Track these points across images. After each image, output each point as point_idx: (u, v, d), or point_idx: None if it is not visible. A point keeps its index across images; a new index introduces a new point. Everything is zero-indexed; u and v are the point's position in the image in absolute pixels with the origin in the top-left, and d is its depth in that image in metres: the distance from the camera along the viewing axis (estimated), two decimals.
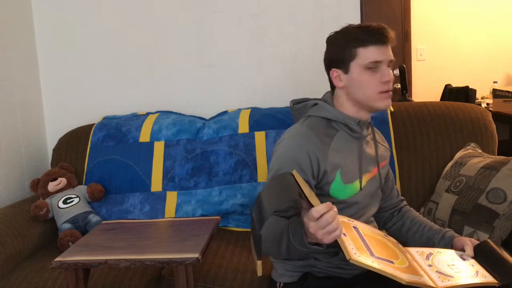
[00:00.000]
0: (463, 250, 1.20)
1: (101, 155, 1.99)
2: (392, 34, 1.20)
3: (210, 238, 1.37)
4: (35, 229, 1.78)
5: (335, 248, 0.97)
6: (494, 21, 3.90)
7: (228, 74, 2.21)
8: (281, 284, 1.29)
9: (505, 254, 1.14)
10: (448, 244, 1.26)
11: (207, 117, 2.15)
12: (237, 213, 1.88)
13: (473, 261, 1.15)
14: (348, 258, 0.92)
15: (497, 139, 1.84)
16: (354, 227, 1.07)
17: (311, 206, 0.95)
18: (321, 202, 0.99)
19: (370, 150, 1.31)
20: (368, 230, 1.10)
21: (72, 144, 2.07)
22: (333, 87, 1.29)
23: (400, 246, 1.14)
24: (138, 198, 1.92)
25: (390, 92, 1.22)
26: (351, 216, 1.21)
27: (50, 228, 1.85)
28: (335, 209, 0.95)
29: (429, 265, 1.10)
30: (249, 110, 2.05)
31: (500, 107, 3.00)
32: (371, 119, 1.31)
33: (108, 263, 1.23)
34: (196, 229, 1.44)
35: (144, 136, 2.00)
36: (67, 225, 1.80)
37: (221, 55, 2.20)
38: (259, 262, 0.95)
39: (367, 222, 1.29)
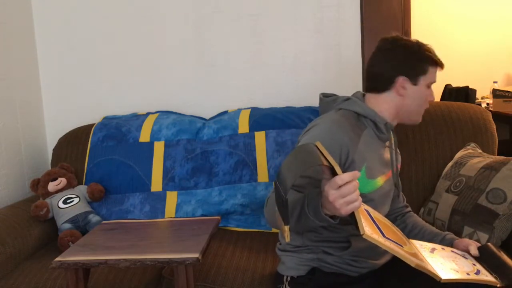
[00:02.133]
0: (465, 251, 1.21)
1: (101, 155, 1.99)
2: None
3: (210, 238, 1.37)
4: (35, 229, 1.78)
5: (346, 231, 1.01)
6: (494, 21, 3.91)
7: (228, 74, 2.21)
8: (288, 278, 1.29)
9: (505, 257, 1.15)
10: (449, 246, 1.27)
11: (207, 117, 2.15)
12: (237, 213, 1.88)
13: (474, 260, 1.16)
14: (362, 233, 0.91)
15: (497, 139, 1.84)
16: (366, 210, 1.06)
17: (334, 175, 0.93)
18: None
19: (386, 154, 1.35)
20: (379, 216, 1.11)
21: (72, 144, 2.07)
22: (379, 91, 1.30)
23: (405, 236, 1.15)
24: (138, 198, 1.92)
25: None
26: None
27: (50, 228, 1.85)
28: (356, 181, 0.94)
29: (432, 257, 1.11)
30: (249, 110, 2.05)
31: (500, 107, 3.00)
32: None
33: (108, 263, 1.23)
34: (196, 229, 1.44)
35: (144, 136, 2.00)
36: (67, 225, 1.80)
37: (221, 55, 2.20)
38: (286, 228, 0.92)
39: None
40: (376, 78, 1.31)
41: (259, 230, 1.86)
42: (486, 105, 3.26)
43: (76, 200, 1.87)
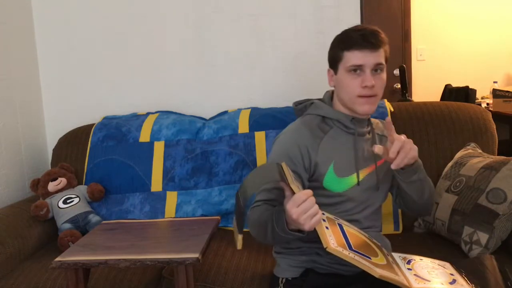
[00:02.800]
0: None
1: (101, 155, 1.99)
2: (381, 38, 1.22)
3: (210, 238, 1.37)
4: (35, 229, 1.78)
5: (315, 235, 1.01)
6: (494, 21, 3.91)
7: (228, 74, 2.21)
8: (283, 280, 1.30)
9: (494, 274, 1.16)
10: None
11: (207, 117, 2.15)
12: None
13: (454, 270, 1.17)
14: (325, 246, 0.97)
15: (497, 139, 1.84)
16: (339, 224, 1.11)
17: (292, 192, 1.01)
18: (317, 194, 1.05)
19: (369, 146, 1.31)
20: (353, 229, 1.14)
21: (72, 144, 2.07)
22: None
23: (384, 249, 1.16)
24: (138, 198, 1.92)
25: (374, 98, 1.24)
26: (349, 210, 1.26)
27: (50, 228, 1.85)
28: (312, 196, 1.01)
29: (409, 269, 1.12)
30: (249, 110, 2.05)
31: (500, 107, 3.00)
32: (370, 117, 1.34)
33: (108, 263, 1.23)
34: (196, 229, 1.44)
35: (144, 136, 2.00)
36: (67, 225, 1.80)
37: (221, 55, 2.20)
38: (240, 236, 1.04)
39: (368, 217, 1.31)
40: None
41: None
42: (486, 105, 3.26)
43: (76, 200, 1.87)
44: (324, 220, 1.06)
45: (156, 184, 1.93)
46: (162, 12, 2.19)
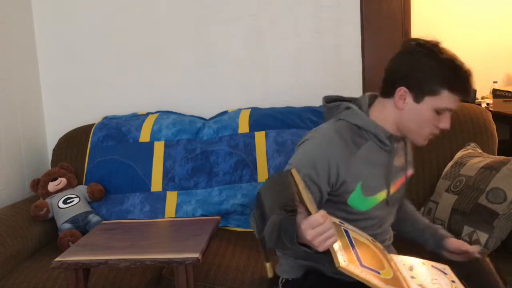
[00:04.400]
0: (456, 251, 1.22)
1: (101, 155, 1.99)
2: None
3: (210, 238, 1.37)
4: (35, 229, 1.78)
5: (325, 255, 0.96)
6: (494, 21, 3.90)
7: (228, 74, 2.21)
8: (283, 280, 1.28)
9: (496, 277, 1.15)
10: (440, 241, 1.27)
11: (207, 117, 2.15)
12: (237, 213, 1.87)
13: (454, 276, 1.15)
14: (337, 266, 0.92)
15: (497, 139, 1.84)
16: (345, 230, 1.06)
17: (307, 209, 0.94)
18: (337, 208, 1.05)
19: (399, 160, 1.24)
20: (358, 235, 1.10)
21: (72, 144, 2.07)
22: (385, 96, 1.18)
23: (386, 253, 1.13)
24: (138, 198, 1.92)
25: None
26: (369, 227, 1.20)
27: (50, 228, 1.84)
28: (329, 219, 0.94)
29: (412, 277, 1.09)
30: (249, 110, 2.05)
31: (500, 107, 2.99)
32: None
33: (108, 263, 1.23)
34: (196, 229, 1.44)
35: (144, 136, 2.00)
36: (67, 225, 1.80)
37: (221, 55, 2.20)
38: (267, 264, 0.97)
39: (385, 232, 1.28)
40: (384, 80, 1.18)
41: None
42: (486, 105, 3.26)
43: (76, 200, 1.87)
44: None
45: (156, 184, 1.93)
46: (162, 12, 2.19)
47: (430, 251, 1.29)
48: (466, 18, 3.85)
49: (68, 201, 1.86)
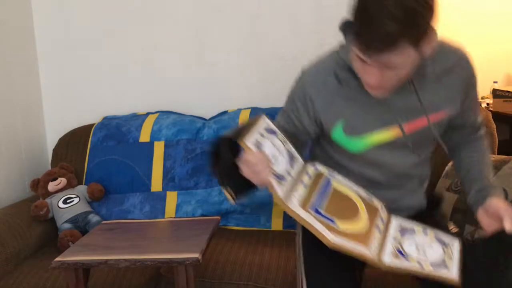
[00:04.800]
0: (495, 215, 1.04)
1: (101, 155, 1.99)
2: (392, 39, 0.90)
3: (210, 238, 1.37)
4: (35, 229, 1.78)
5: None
6: (494, 21, 3.90)
7: (228, 74, 2.21)
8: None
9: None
10: (482, 201, 1.10)
11: (207, 117, 2.14)
12: (237, 212, 1.88)
13: (455, 253, 1.04)
14: (274, 200, 0.97)
15: (497, 139, 1.84)
16: (328, 180, 1.08)
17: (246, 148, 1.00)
18: (336, 151, 1.12)
19: (405, 99, 1.09)
20: (345, 187, 1.09)
21: (72, 144, 2.07)
22: None
23: (382, 212, 1.08)
24: (138, 198, 1.92)
25: (382, 90, 1.03)
26: (373, 173, 1.15)
27: (50, 228, 1.84)
28: (263, 159, 0.98)
29: (395, 238, 1.04)
30: (249, 110, 2.05)
31: (500, 107, 2.99)
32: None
33: (108, 263, 1.23)
34: (196, 229, 1.44)
35: (144, 136, 2.00)
36: (67, 225, 1.80)
37: (221, 55, 2.20)
38: (225, 191, 1.06)
39: (400, 185, 1.19)
40: None
41: (259, 228, 1.86)
42: (486, 105, 3.26)
43: (76, 200, 1.87)
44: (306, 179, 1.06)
45: (156, 184, 1.93)
46: (162, 12, 2.18)
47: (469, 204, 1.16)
48: (466, 18, 3.86)
49: (68, 201, 1.86)
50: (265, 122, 1.10)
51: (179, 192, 1.91)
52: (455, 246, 1.09)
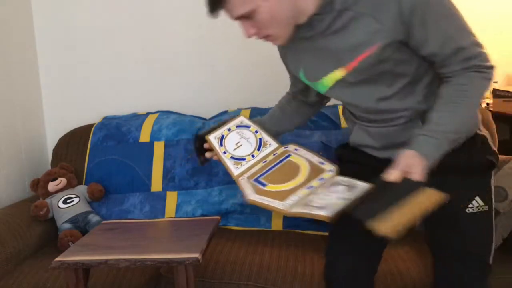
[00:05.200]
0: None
1: (101, 155, 1.99)
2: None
3: (210, 238, 1.37)
4: (35, 229, 1.78)
5: None
6: (494, 21, 3.91)
7: (228, 74, 2.21)
8: None
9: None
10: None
11: (207, 117, 2.14)
12: (237, 212, 1.87)
13: (353, 193, 1.05)
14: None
15: (497, 139, 1.84)
16: (288, 155, 1.27)
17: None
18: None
19: (349, 37, 1.12)
20: (300, 159, 1.25)
21: (72, 144, 2.06)
22: None
23: (326, 174, 1.17)
24: (138, 198, 1.92)
25: (272, 38, 1.18)
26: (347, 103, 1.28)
27: (50, 228, 1.84)
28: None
29: (317, 194, 1.09)
30: (249, 110, 2.04)
31: (500, 107, 2.98)
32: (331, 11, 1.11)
33: (108, 263, 1.23)
34: (196, 229, 1.43)
35: (144, 136, 2.00)
36: (67, 225, 1.80)
37: (221, 55, 2.20)
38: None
39: (371, 112, 1.21)
40: None
41: (259, 228, 1.86)
42: (486, 105, 3.26)
43: (76, 200, 1.87)
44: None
45: (156, 184, 1.93)
46: (162, 12, 2.19)
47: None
48: (466, 17, 3.86)
49: (68, 201, 1.86)
50: (239, 120, 1.41)
51: (179, 192, 1.91)
52: (360, 188, 1.08)
